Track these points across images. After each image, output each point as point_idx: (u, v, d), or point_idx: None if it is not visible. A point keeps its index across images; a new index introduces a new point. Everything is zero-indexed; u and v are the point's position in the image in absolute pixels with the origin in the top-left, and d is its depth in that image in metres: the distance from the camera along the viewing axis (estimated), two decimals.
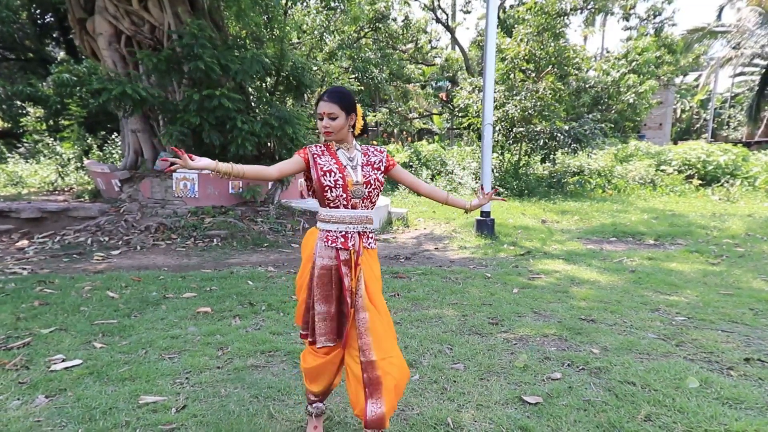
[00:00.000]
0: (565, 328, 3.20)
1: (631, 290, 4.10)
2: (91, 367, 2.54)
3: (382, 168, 1.87)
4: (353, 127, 1.84)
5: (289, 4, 8.14)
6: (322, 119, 1.77)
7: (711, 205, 9.32)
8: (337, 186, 1.75)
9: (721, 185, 11.20)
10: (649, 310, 3.56)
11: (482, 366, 2.63)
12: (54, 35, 15.54)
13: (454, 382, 2.45)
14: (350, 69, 14.12)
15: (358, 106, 1.85)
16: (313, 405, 1.99)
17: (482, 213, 6.75)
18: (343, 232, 1.78)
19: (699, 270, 4.73)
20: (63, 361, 2.61)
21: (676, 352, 2.78)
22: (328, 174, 1.75)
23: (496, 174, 11.72)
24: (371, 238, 1.86)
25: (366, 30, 15.05)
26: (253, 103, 7.36)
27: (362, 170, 1.81)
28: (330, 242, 1.77)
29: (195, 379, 2.48)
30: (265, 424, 2.07)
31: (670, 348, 2.83)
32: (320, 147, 1.84)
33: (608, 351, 2.82)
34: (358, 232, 1.80)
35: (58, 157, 9.76)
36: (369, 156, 1.87)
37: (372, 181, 1.80)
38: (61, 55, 15.12)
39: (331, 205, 1.77)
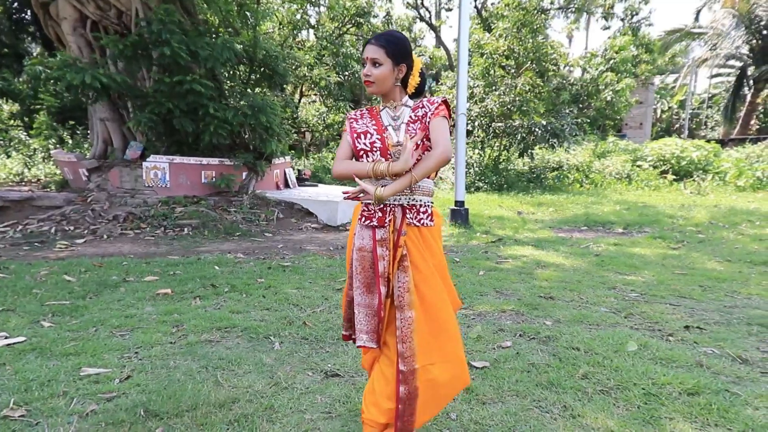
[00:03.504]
0: (523, 304, 3.25)
1: (592, 271, 4.19)
2: (34, 344, 2.48)
3: (427, 122, 1.47)
4: (403, 82, 1.52)
5: None
6: (363, 65, 1.49)
7: (682, 198, 9.57)
8: (374, 149, 1.47)
9: (693, 180, 11.51)
10: (606, 288, 3.65)
11: None
12: (30, 30, 15.15)
13: None
14: (332, 64, 14.11)
15: (418, 59, 1.53)
16: None
17: (456, 203, 6.82)
18: (381, 206, 1.47)
19: (660, 254, 4.86)
20: (6, 338, 2.55)
21: (623, 322, 2.86)
22: (362, 136, 1.49)
23: (477, 169, 11.85)
24: (424, 213, 1.50)
25: (348, 26, 15.05)
26: (226, 92, 7.29)
27: (407, 128, 1.48)
28: (365, 219, 1.49)
29: (144, 354, 2.46)
30: (209, 390, 2.06)
31: (618, 319, 2.91)
32: (361, 110, 1.60)
33: (560, 323, 2.89)
34: (402, 206, 1.48)
35: (26, 148, 9.54)
36: (418, 110, 1.51)
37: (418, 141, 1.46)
38: (38, 50, 14.76)
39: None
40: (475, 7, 17.92)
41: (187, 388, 2.07)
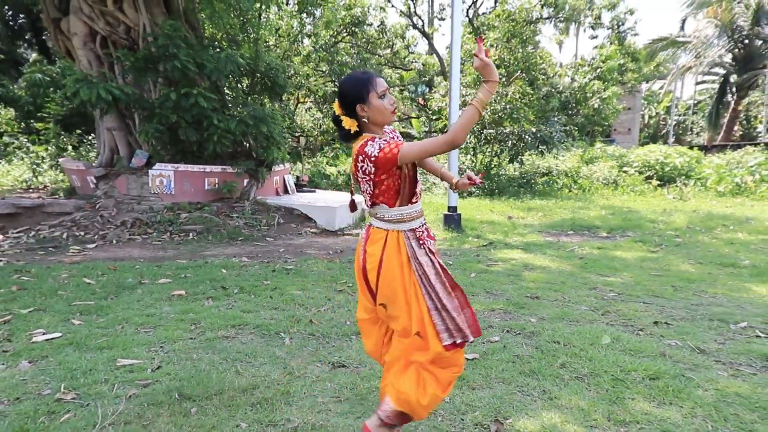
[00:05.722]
0: (511, 303, 3.56)
1: (576, 273, 4.52)
2: (70, 339, 2.74)
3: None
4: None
5: (263, 7, 8.42)
6: (383, 97, 1.59)
7: (665, 203, 9.99)
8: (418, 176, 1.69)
9: (676, 185, 11.96)
10: (588, 289, 3.98)
11: None
12: (26, 36, 15.26)
13: None
14: (327, 72, 14.42)
15: None
16: None
17: (449, 208, 7.13)
18: (425, 225, 1.70)
19: (639, 257, 5.21)
20: (44, 334, 2.80)
21: (600, 319, 3.18)
22: (415, 165, 1.67)
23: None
24: None
25: (343, 35, 15.39)
26: (229, 103, 7.57)
27: None
28: (423, 242, 1.65)
29: (169, 348, 2.72)
30: (232, 378, 2.34)
31: (596, 316, 3.23)
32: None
33: (544, 320, 3.20)
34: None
35: (32, 154, 9.71)
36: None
37: None
38: (34, 56, 14.88)
39: (414, 199, 1.66)
40: (467, 16, 18.37)
41: (212, 377, 2.35)
